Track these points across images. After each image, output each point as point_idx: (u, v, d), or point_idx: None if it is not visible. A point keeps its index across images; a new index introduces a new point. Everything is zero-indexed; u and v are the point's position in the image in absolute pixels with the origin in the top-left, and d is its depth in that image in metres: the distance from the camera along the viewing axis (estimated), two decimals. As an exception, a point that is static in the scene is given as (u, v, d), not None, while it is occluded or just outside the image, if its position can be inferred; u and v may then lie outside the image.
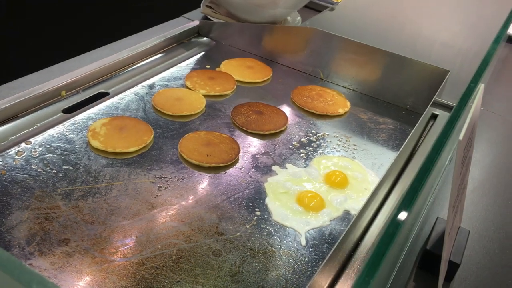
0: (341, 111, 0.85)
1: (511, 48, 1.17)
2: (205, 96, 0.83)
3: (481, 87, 0.55)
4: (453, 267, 0.55)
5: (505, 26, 0.57)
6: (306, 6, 1.09)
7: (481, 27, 0.86)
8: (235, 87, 0.88)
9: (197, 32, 1.04)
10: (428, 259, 0.57)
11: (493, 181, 0.76)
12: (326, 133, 0.79)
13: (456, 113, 0.39)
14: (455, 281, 0.57)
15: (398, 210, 0.29)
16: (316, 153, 0.74)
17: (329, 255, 0.48)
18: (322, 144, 0.76)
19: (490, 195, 0.72)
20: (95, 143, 0.68)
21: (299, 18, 1.09)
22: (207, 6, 1.07)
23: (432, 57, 0.87)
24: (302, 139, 0.77)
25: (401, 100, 0.89)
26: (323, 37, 0.94)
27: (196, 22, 1.04)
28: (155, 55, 0.95)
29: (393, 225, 0.28)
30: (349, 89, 0.93)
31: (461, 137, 0.45)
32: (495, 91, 1.11)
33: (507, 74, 1.09)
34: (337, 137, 0.79)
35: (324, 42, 0.95)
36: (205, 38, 1.04)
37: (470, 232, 0.60)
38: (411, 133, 0.70)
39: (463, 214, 0.65)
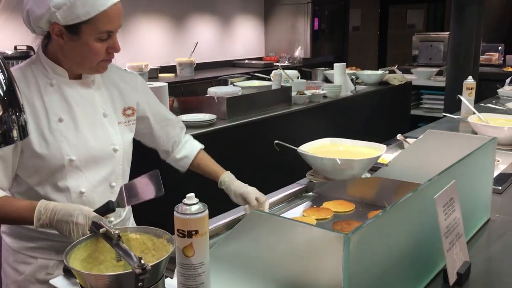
0: (399, 220, 1.37)
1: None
2: (315, 219, 1.41)
3: (452, 182, 1.09)
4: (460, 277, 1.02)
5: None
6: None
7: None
8: (332, 215, 1.45)
9: (305, 190, 1.66)
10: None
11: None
12: (390, 231, 1.31)
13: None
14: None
15: None
16: (383, 241, 1.26)
17: None
18: (387, 237, 1.28)
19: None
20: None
21: (368, 174, 1.69)
22: (310, 174, 1.72)
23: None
24: (374, 235, 1.30)
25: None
26: (385, 181, 1.52)
27: (304, 184, 1.67)
28: (281, 203, 1.57)
29: None
30: (406, 210, 1.46)
31: (435, 196, 0.99)
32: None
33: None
34: (396, 233, 1.30)
35: (385, 184, 1.52)
36: (310, 193, 1.65)
37: (471, 263, 1.07)
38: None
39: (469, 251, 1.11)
